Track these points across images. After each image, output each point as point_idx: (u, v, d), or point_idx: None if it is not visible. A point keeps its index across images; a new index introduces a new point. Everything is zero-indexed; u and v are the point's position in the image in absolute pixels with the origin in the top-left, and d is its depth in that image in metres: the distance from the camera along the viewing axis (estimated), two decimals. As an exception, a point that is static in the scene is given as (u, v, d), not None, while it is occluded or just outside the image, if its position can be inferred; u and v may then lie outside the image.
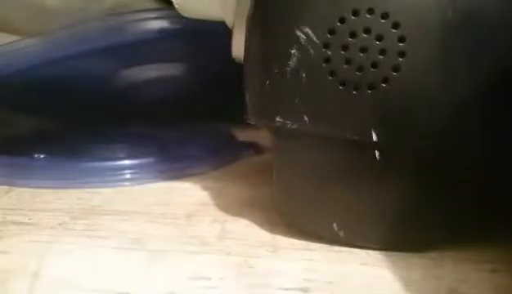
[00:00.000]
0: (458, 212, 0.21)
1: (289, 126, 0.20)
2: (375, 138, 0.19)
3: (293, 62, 0.19)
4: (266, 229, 0.23)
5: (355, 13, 0.19)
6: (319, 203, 0.22)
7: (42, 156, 0.31)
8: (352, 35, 0.19)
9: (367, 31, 0.19)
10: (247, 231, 0.23)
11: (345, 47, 0.19)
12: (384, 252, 0.21)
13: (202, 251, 0.21)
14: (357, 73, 0.19)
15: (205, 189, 0.29)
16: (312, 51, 0.19)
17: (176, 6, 0.27)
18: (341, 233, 0.21)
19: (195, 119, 0.37)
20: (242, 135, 0.39)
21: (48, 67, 0.29)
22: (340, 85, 0.19)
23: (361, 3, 0.18)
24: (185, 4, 0.27)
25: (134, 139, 0.35)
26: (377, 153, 0.20)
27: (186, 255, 0.21)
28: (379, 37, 0.19)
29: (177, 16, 0.28)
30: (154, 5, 0.31)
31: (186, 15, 0.27)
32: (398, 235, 0.21)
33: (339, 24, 0.19)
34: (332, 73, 0.19)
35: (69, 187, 0.29)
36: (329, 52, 0.19)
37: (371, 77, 0.19)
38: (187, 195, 0.28)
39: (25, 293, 0.18)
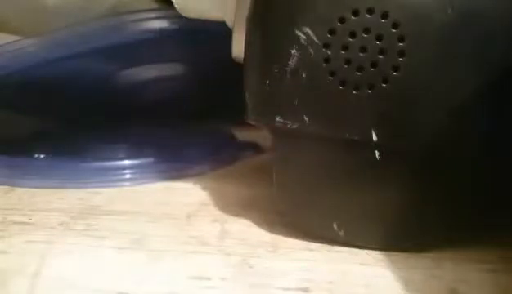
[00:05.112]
0: (458, 212, 0.21)
1: (289, 126, 0.20)
2: (374, 138, 0.19)
3: (293, 62, 0.19)
4: (266, 229, 0.23)
5: (355, 13, 0.19)
6: (319, 203, 0.22)
7: (42, 156, 0.31)
8: (352, 35, 0.19)
9: (367, 31, 0.19)
10: (247, 231, 0.23)
11: (345, 47, 0.19)
12: (384, 252, 0.21)
13: (202, 251, 0.21)
14: (357, 73, 0.19)
15: (205, 189, 0.29)
16: (312, 51, 0.19)
17: (176, 6, 0.27)
18: (341, 233, 0.21)
19: (195, 119, 0.37)
20: (242, 135, 0.39)
21: (48, 67, 0.29)
22: (340, 85, 0.19)
23: (360, 3, 0.18)
24: (185, 4, 0.27)
25: (134, 139, 0.35)
26: (377, 153, 0.20)
27: (186, 255, 0.21)
28: (379, 37, 0.19)
29: (177, 16, 0.28)
30: (154, 5, 0.31)
31: (186, 15, 0.27)
32: (398, 235, 0.21)
33: (339, 24, 0.19)
34: (332, 73, 0.19)
35: (69, 187, 0.29)
36: (329, 52, 0.19)
37: (371, 77, 0.19)
38: (187, 195, 0.28)
39: (25, 293, 0.18)
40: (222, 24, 0.26)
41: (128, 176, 0.30)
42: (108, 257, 0.21)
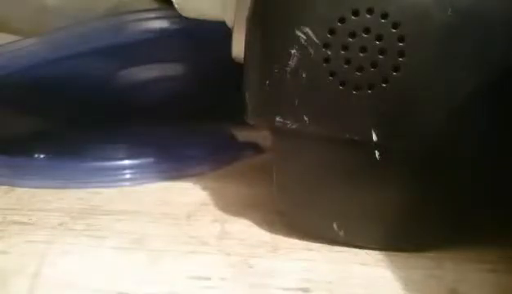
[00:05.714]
0: (458, 212, 0.21)
1: (289, 126, 0.20)
2: (374, 138, 0.19)
3: (293, 62, 0.19)
4: (266, 229, 0.23)
5: (355, 13, 0.19)
6: (319, 203, 0.22)
7: (42, 156, 0.31)
8: (352, 35, 0.19)
9: (367, 31, 0.19)
10: (247, 231, 0.23)
11: (345, 47, 0.19)
12: (384, 252, 0.21)
13: (202, 251, 0.21)
14: (357, 73, 0.19)
15: (205, 189, 0.29)
16: (312, 51, 0.19)
17: (176, 6, 0.27)
18: (341, 233, 0.21)
19: (195, 119, 0.37)
20: (242, 135, 0.39)
21: (48, 67, 0.29)
22: (340, 85, 0.19)
23: (360, 3, 0.18)
24: (185, 4, 0.27)
25: (134, 139, 0.35)
26: (377, 153, 0.20)
27: (186, 255, 0.21)
28: (379, 37, 0.19)
29: (177, 16, 0.28)
30: (154, 5, 0.31)
31: (186, 15, 0.27)
32: (398, 235, 0.21)
33: (338, 24, 0.19)
34: (332, 73, 0.19)
35: (69, 187, 0.29)
36: (329, 52, 0.19)
37: (371, 77, 0.19)
38: (187, 195, 0.28)
39: (25, 293, 0.18)
40: (222, 24, 0.26)
41: (128, 176, 0.30)
42: (108, 257, 0.21)
